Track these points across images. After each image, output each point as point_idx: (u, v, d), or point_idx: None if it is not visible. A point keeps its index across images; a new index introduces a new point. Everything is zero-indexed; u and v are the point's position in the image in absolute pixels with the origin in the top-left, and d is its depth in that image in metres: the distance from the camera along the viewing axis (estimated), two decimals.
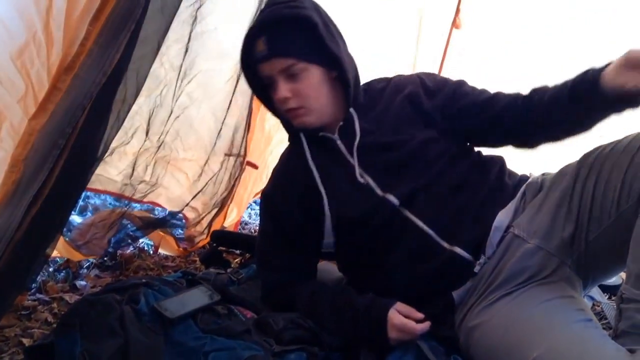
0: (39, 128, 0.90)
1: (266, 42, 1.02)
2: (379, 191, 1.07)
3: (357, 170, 1.07)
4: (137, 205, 1.96)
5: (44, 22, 0.92)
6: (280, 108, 1.09)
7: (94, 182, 1.56)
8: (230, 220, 2.05)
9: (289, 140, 1.22)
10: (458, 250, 1.03)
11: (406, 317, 0.98)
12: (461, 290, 1.04)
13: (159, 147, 1.65)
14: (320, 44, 1.03)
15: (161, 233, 1.84)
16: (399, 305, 1.00)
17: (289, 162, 1.20)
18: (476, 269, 1.02)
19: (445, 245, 1.03)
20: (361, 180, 1.07)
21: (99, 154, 1.08)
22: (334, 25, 1.11)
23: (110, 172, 1.60)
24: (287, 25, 1.01)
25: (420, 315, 0.98)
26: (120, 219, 1.67)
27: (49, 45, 0.93)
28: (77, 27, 0.91)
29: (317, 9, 1.07)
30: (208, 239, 1.89)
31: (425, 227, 1.04)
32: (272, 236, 1.21)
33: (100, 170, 1.52)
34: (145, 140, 1.60)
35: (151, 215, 1.88)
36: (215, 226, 1.94)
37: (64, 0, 0.91)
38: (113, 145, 1.49)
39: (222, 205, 1.91)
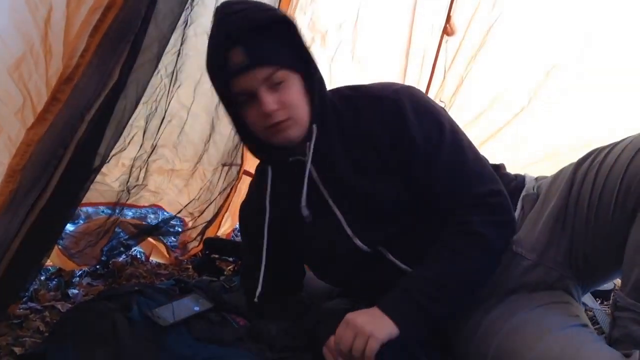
0: (38, 138, 0.90)
1: (244, 52, 0.90)
2: (348, 230, 1.03)
3: (303, 203, 1.01)
4: (130, 212, 1.96)
5: (42, 35, 0.91)
6: (261, 125, 0.96)
7: (91, 192, 1.55)
8: (224, 230, 2.05)
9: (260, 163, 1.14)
10: None
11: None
12: None
13: (152, 151, 1.65)
14: (299, 50, 0.95)
15: (152, 242, 1.84)
16: (331, 341, 0.95)
17: (257, 185, 1.14)
18: None
19: None
20: (306, 215, 1.02)
21: (97, 164, 1.08)
22: None
23: (107, 179, 1.60)
24: (265, 30, 0.91)
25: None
26: (114, 226, 1.67)
27: (47, 58, 0.92)
28: (77, 39, 0.91)
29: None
30: (201, 246, 1.89)
31: (408, 269, 1.02)
32: (248, 249, 1.22)
33: (98, 178, 1.52)
34: (141, 147, 1.61)
35: (144, 223, 1.88)
36: (209, 234, 1.94)
37: (63, 13, 0.91)
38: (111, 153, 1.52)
39: (217, 213, 1.92)
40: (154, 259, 1.86)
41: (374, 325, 0.90)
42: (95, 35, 0.89)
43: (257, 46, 0.91)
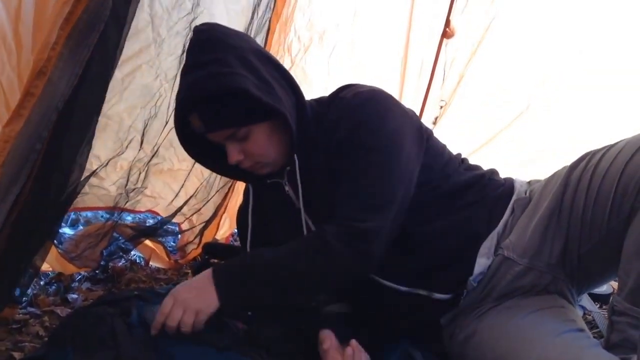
0: (15, 134, 0.90)
1: (199, 119, 0.95)
2: None
3: (304, 224, 1.04)
4: (129, 218, 1.96)
5: (14, 27, 0.91)
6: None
7: (89, 196, 1.57)
8: (222, 233, 2.05)
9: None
10: (438, 295, 1.02)
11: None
12: (448, 314, 1.05)
13: (153, 156, 1.65)
14: (257, 103, 0.93)
15: (152, 246, 1.84)
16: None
17: (246, 194, 1.18)
18: (461, 302, 1.03)
19: (423, 292, 1.02)
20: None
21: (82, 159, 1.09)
22: (263, 59, 0.99)
23: (105, 184, 1.60)
24: (217, 99, 0.93)
25: None
26: (113, 229, 1.67)
27: (18, 50, 0.92)
28: (48, 32, 0.91)
29: (242, 54, 0.95)
30: (200, 249, 1.89)
31: (395, 286, 1.02)
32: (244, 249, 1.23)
33: (95, 182, 1.54)
34: (139, 151, 1.61)
35: (142, 225, 1.88)
36: (208, 236, 1.94)
37: (32, 4, 0.91)
38: (108, 157, 1.52)
39: (215, 212, 1.90)
40: (153, 263, 1.86)
41: (200, 300, 0.92)
42: (65, 28, 0.90)
43: (211, 114, 0.94)
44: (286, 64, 1.81)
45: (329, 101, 1.08)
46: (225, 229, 2.06)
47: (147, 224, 1.94)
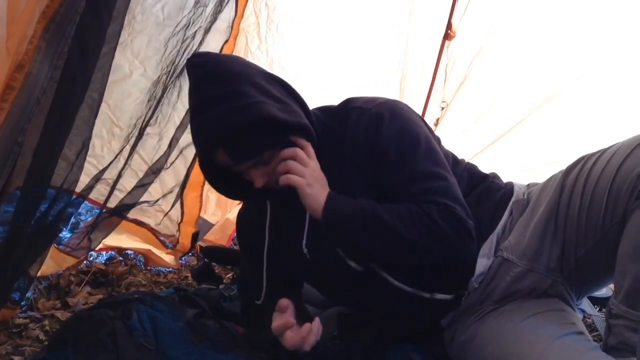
0: None
1: (226, 154, 0.94)
2: (341, 252, 1.04)
3: (304, 241, 1.03)
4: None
5: None
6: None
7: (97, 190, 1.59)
8: (210, 213, 1.96)
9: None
10: (440, 296, 1.03)
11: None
12: (449, 316, 1.06)
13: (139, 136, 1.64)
14: (283, 126, 0.93)
15: (148, 247, 1.83)
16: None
17: (253, 209, 1.18)
18: (462, 303, 1.04)
19: (426, 295, 1.03)
20: (304, 249, 1.03)
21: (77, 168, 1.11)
22: (270, 79, 0.99)
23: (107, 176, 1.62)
24: (245, 132, 0.91)
25: None
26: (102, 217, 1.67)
27: None
28: (25, 25, 0.92)
29: (253, 80, 0.94)
30: (187, 223, 1.85)
31: (402, 285, 1.03)
32: (245, 259, 1.24)
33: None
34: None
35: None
36: (192, 210, 1.86)
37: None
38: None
39: (187, 175, 1.81)
40: (152, 266, 1.86)
41: (315, 195, 0.96)
42: (42, 21, 0.92)
43: (240, 148, 0.94)
44: (276, 42, 1.79)
45: (341, 110, 1.08)
46: (213, 209, 1.98)
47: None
